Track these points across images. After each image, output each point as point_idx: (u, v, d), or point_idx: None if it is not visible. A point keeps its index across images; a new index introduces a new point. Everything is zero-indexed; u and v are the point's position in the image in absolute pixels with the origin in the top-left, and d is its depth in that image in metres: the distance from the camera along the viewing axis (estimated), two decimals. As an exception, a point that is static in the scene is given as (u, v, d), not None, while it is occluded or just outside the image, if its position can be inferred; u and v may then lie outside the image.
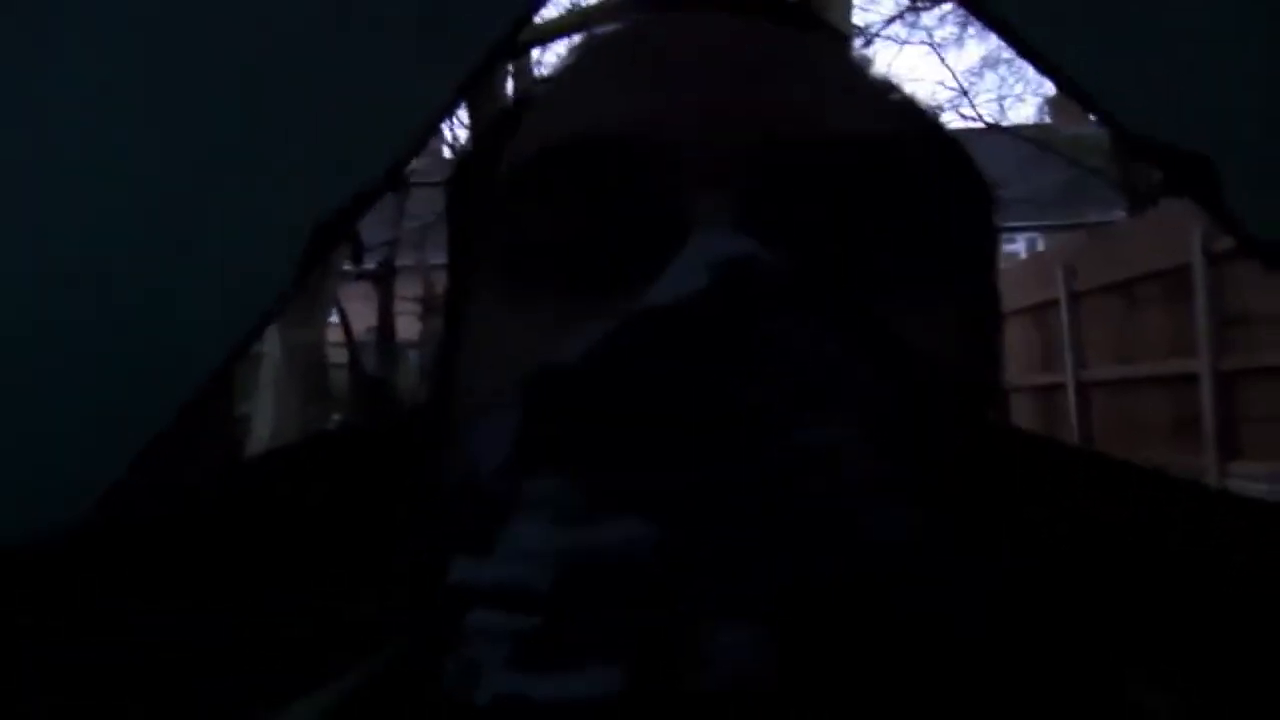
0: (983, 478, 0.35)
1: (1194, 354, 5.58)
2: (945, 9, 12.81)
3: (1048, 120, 16.95)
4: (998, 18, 0.66)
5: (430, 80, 0.63)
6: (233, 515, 0.48)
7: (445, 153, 13.61)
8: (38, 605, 0.43)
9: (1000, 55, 14.77)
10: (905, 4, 12.80)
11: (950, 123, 0.46)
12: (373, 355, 12.64)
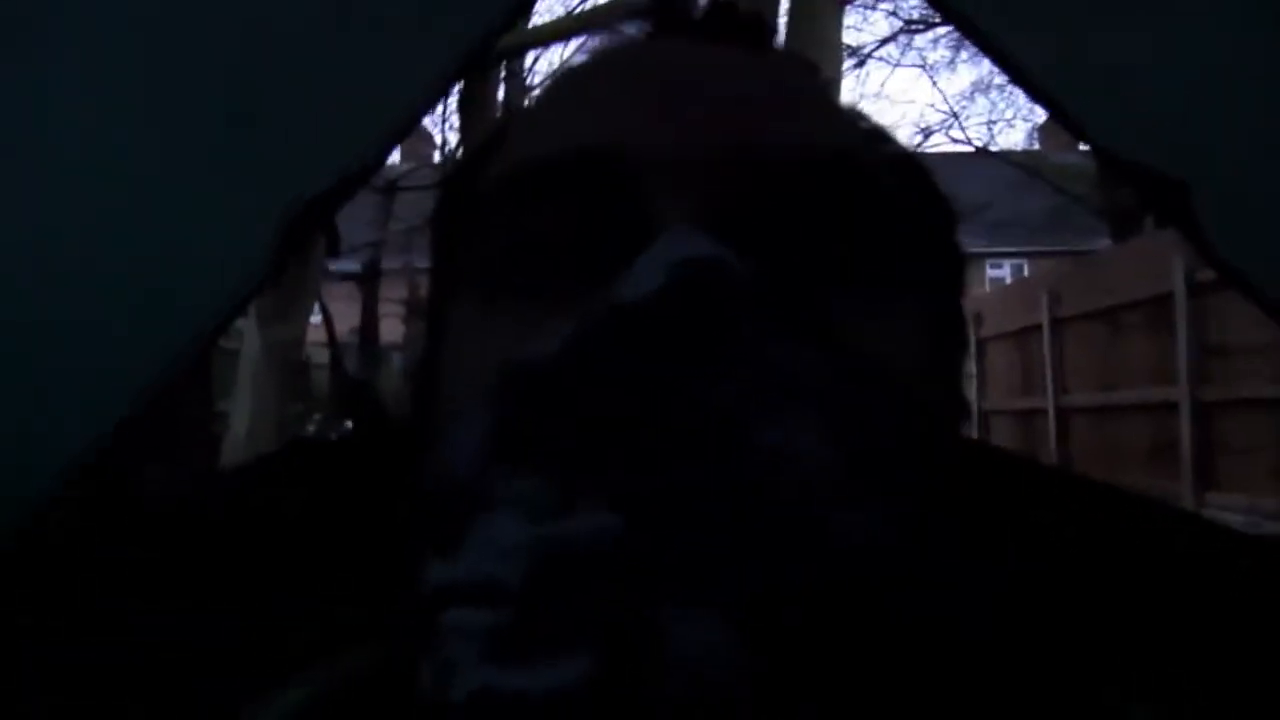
0: (960, 488, 0.36)
1: (1174, 383, 5.61)
2: (939, 32, 12.90)
3: (1037, 147, 17.08)
4: (986, 36, 0.66)
5: (414, 74, 0.63)
6: (217, 522, 0.48)
7: (435, 158, 13.64)
8: (38, 605, 0.43)
9: (992, 80, 14.86)
10: (899, 26, 12.88)
11: (940, 145, 0.47)
12: (355, 357, 12.63)
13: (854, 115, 0.44)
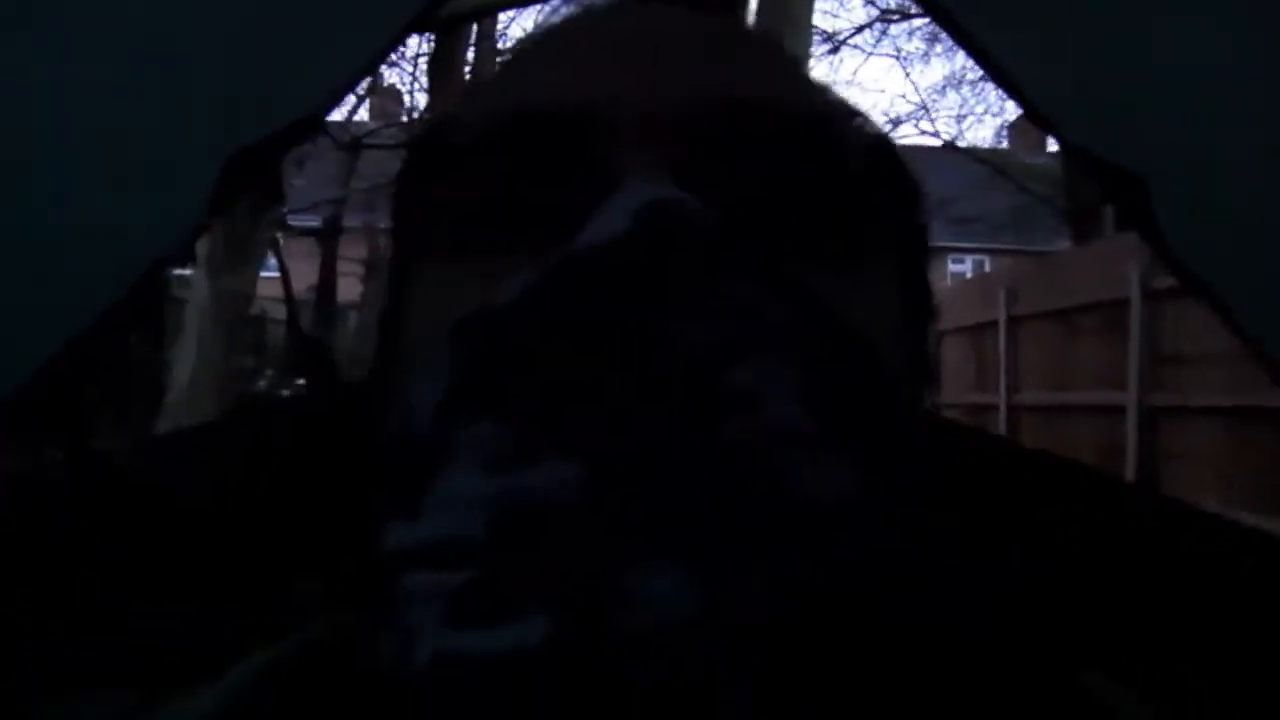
0: (964, 486, 0.36)
1: (1123, 387, 5.69)
2: (915, 24, 12.94)
3: (1005, 145, 17.22)
4: (962, 29, 0.65)
5: (366, 26, 0.61)
6: (173, 494, 0.47)
7: (403, 117, 13.52)
8: (38, 605, 0.42)
9: (964, 76, 14.95)
10: (876, 14, 12.90)
11: (909, 137, 0.47)
12: (312, 314, 12.55)
13: (822, 86, 0.44)
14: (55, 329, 0.61)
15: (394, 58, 12.13)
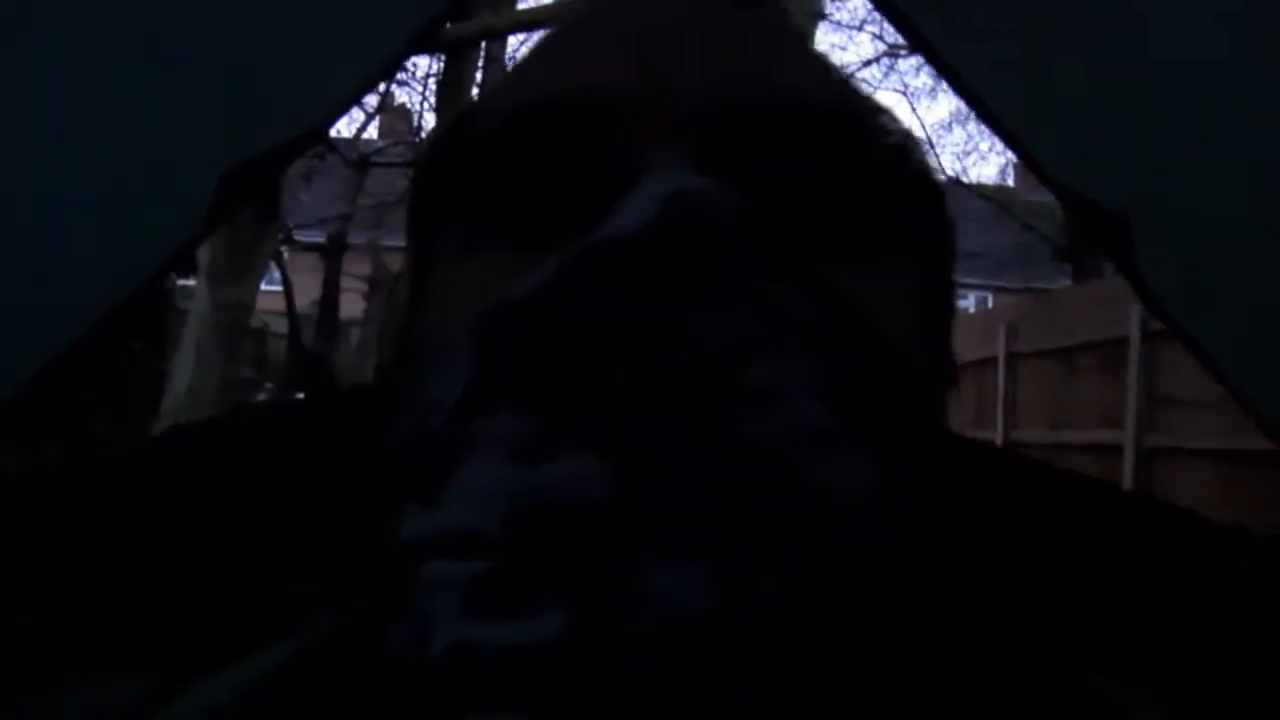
0: (958, 485, 0.35)
1: (1121, 427, 5.68)
2: (922, 60, 12.99)
3: (1010, 183, 17.24)
4: (951, 68, 0.67)
5: (371, 39, 0.63)
6: (172, 489, 0.46)
7: (411, 137, 13.55)
8: (38, 605, 0.42)
9: (971, 113, 14.96)
10: (883, 49, 12.96)
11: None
12: (314, 329, 12.54)
13: (847, 82, 0.44)
14: (54, 334, 0.62)
15: (404, 77, 12.17)
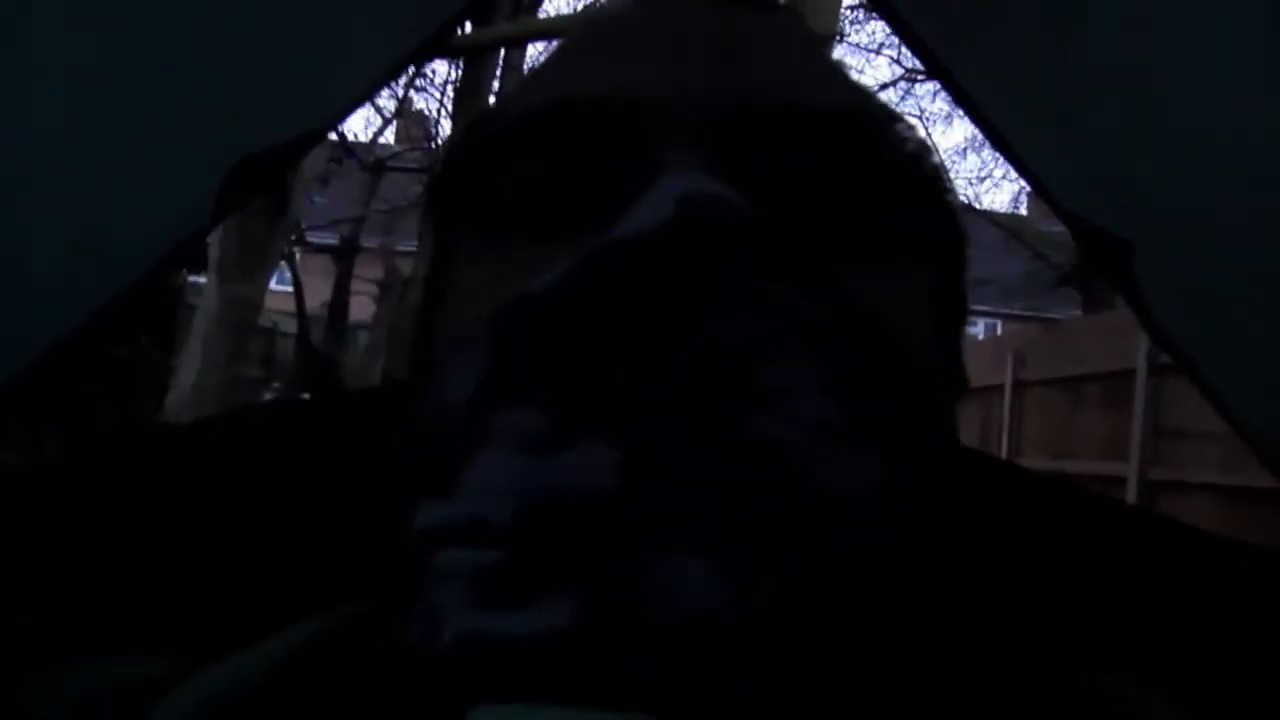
0: (960, 489, 0.36)
1: (1125, 459, 5.66)
2: (938, 85, 12.99)
3: (1023, 211, 17.23)
4: (964, 92, 0.67)
5: (381, 40, 0.63)
6: (189, 481, 0.46)
7: (428, 143, 13.59)
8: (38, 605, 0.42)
9: (985, 140, 14.99)
10: (900, 73, 12.98)
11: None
12: (323, 331, 12.57)
13: (865, 89, 0.44)
14: (55, 322, 0.62)
15: (421, 83, 12.21)
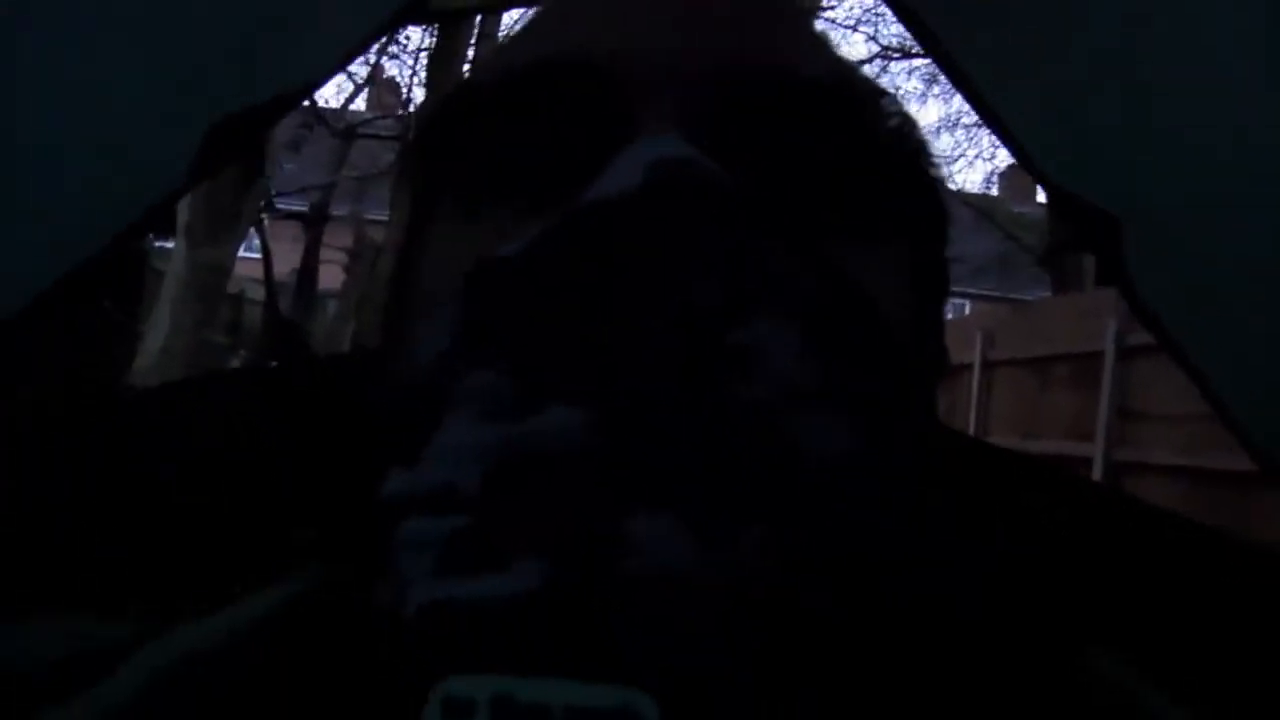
0: (952, 470, 0.36)
1: (1090, 439, 5.72)
2: (915, 64, 13.02)
3: (994, 192, 17.32)
4: (961, 71, 0.66)
5: (361, 5, 0.62)
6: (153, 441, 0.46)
7: (399, 110, 13.49)
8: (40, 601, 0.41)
9: (959, 120, 15.05)
10: (876, 50, 12.98)
11: None
12: (291, 298, 12.48)
13: (850, 64, 0.44)
14: (22, 285, 0.61)
15: (394, 50, 12.10)
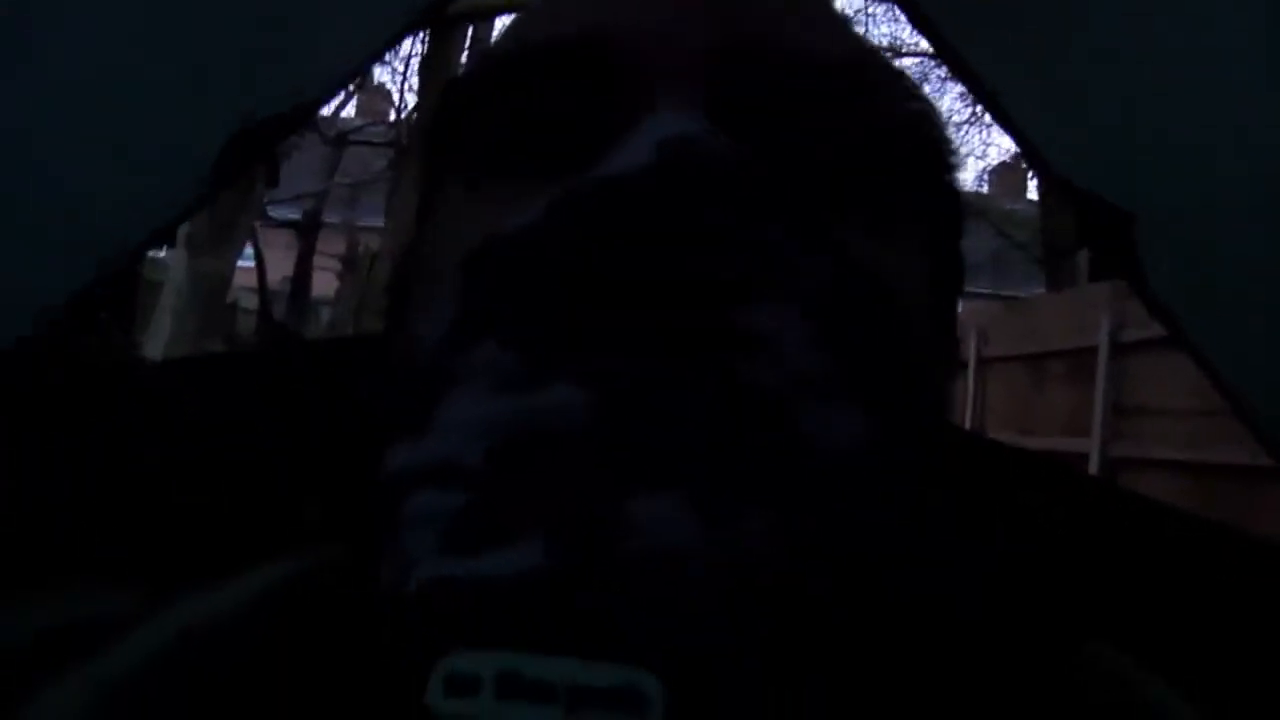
0: (952, 469, 0.35)
1: (1087, 435, 5.73)
2: (906, 62, 13.03)
3: (985, 190, 17.34)
4: (966, 63, 0.67)
5: (373, 14, 0.62)
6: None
7: (390, 116, 13.49)
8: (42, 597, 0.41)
9: (950, 118, 15.08)
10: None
11: None
12: (285, 306, 12.47)
13: (871, 48, 0.43)
14: (38, 300, 0.61)
15: (386, 56, 12.10)
